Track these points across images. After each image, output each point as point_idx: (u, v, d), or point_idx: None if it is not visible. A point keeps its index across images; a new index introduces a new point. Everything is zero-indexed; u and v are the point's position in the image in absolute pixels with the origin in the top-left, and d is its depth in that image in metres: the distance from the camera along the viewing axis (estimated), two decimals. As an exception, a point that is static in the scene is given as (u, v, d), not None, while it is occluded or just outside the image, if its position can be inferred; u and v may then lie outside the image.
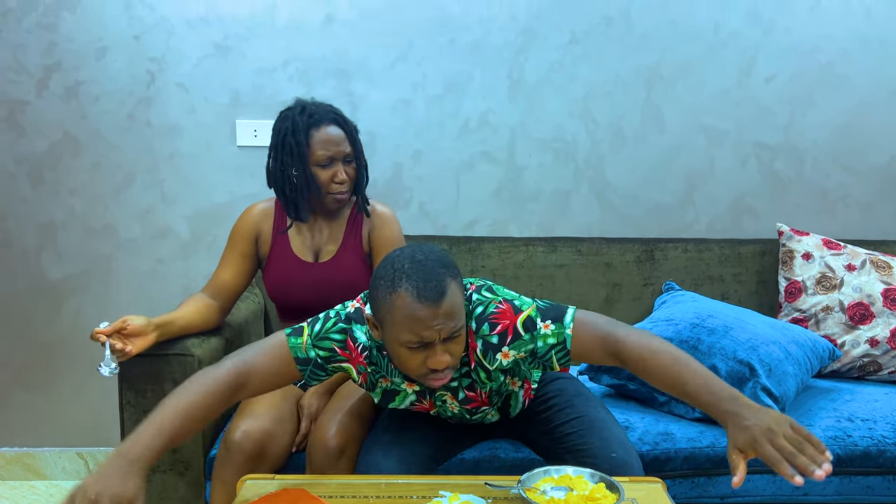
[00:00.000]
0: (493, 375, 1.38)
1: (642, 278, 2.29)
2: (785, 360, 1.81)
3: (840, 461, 1.70)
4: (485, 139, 2.36)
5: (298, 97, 1.77)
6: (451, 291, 1.21)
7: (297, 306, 1.76)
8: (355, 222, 1.81)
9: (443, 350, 1.22)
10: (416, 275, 1.20)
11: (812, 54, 2.38)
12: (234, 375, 1.26)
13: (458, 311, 1.22)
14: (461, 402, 1.43)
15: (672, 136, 2.40)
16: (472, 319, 1.32)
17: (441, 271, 1.21)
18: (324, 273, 1.76)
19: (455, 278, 1.23)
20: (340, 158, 1.71)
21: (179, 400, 1.22)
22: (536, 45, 2.33)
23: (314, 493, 1.29)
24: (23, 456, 2.40)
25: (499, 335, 1.31)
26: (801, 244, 2.24)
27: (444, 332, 1.21)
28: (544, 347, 1.32)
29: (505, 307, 1.32)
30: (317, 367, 1.34)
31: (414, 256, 1.23)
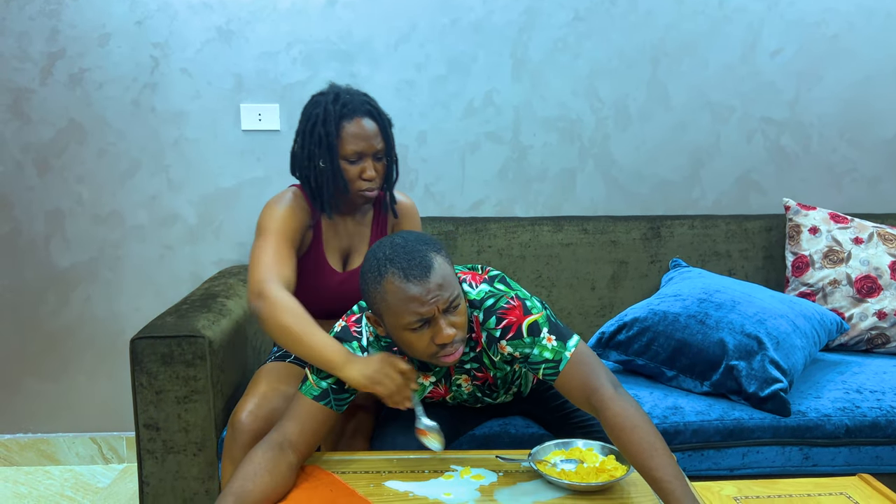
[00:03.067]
0: (498, 365, 1.39)
1: (649, 256, 2.29)
2: (793, 333, 1.81)
3: (849, 431, 1.71)
4: (489, 119, 2.36)
5: (333, 82, 1.65)
6: (438, 264, 1.22)
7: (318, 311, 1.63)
8: (379, 221, 1.74)
9: (446, 323, 1.23)
10: (399, 257, 1.22)
11: (817, 27, 2.36)
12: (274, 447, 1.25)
13: (450, 282, 1.23)
14: (476, 379, 1.43)
15: (677, 112, 2.39)
16: (480, 310, 1.32)
17: (422, 248, 1.23)
18: (352, 283, 1.68)
19: (439, 252, 1.25)
20: (371, 154, 1.59)
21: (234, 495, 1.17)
22: (540, 24, 2.31)
23: (327, 469, 1.31)
24: (37, 442, 2.42)
25: (502, 329, 1.31)
26: (807, 218, 2.23)
27: (441, 303, 1.21)
28: (538, 357, 1.30)
29: (516, 304, 1.31)
30: (337, 393, 1.33)
31: (393, 241, 1.25)
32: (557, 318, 1.37)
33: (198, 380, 1.62)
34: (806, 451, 1.71)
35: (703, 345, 1.80)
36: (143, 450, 1.65)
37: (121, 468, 2.43)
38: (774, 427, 1.70)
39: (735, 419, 1.70)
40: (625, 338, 1.91)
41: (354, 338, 1.36)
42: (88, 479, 2.36)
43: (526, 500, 1.22)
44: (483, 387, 1.46)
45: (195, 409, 1.63)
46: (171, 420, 1.63)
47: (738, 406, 1.75)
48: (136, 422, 1.65)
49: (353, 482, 1.27)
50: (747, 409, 1.73)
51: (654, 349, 1.87)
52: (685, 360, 1.83)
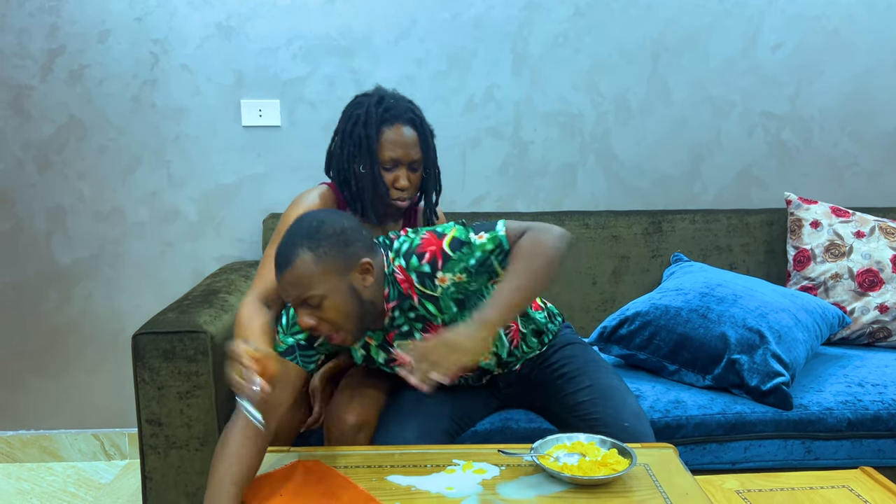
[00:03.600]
0: (442, 305, 1.39)
1: (650, 250, 2.29)
2: (794, 326, 1.81)
3: (851, 425, 1.71)
4: (490, 115, 2.36)
5: (379, 84, 1.65)
6: (298, 262, 1.25)
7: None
8: (411, 224, 1.72)
9: (304, 313, 1.28)
10: (278, 248, 1.28)
11: (818, 21, 2.36)
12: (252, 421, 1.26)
13: (304, 281, 1.25)
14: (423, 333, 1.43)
15: (678, 107, 2.39)
16: (399, 257, 1.36)
17: (296, 242, 1.26)
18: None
19: (313, 250, 1.25)
20: (406, 163, 1.56)
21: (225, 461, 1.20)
22: (540, 19, 2.31)
23: (330, 465, 1.31)
24: (39, 438, 2.43)
25: (429, 263, 1.35)
26: (809, 212, 2.23)
27: (292, 297, 1.27)
28: (483, 255, 1.34)
29: (428, 236, 1.37)
30: (303, 349, 1.36)
31: (299, 220, 1.29)
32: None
33: (200, 375, 1.62)
34: (808, 444, 1.72)
35: (704, 339, 1.80)
36: (146, 445, 1.65)
37: (123, 464, 2.43)
38: (776, 421, 1.70)
39: (737, 413, 1.71)
40: (626, 332, 1.91)
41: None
42: (91, 475, 2.36)
43: (528, 494, 1.22)
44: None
45: (197, 405, 1.63)
46: (174, 415, 1.63)
47: (741, 400, 1.75)
48: (138, 417, 1.65)
49: (356, 476, 1.27)
50: (749, 403, 1.73)
51: (656, 343, 1.87)
52: (687, 354, 1.83)
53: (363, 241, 1.32)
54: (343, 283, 1.28)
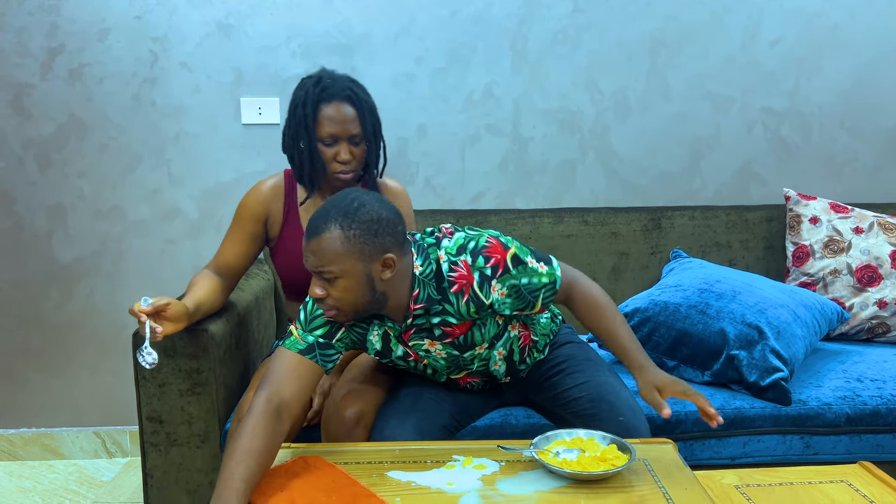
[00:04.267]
0: (462, 312, 1.40)
1: (649, 247, 2.30)
2: (793, 322, 1.82)
3: (850, 420, 1.72)
4: (489, 112, 2.36)
5: (324, 67, 1.73)
6: (327, 235, 1.27)
7: (305, 286, 1.72)
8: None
9: (315, 284, 1.31)
10: (313, 215, 1.31)
11: (817, 16, 2.36)
12: (267, 405, 1.26)
13: (326, 257, 1.27)
14: (439, 338, 1.44)
15: (677, 103, 2.39)
16: (466, 253, 1.38)
17: (332, 216, 1.28)
18: None
19: (344, 230, 1.27)
20: (346, 138, 1.64)
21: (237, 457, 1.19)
22: (539, 16, 2.31)
23: (330, 461, 1.32)
24: (41, 436, 2.43)
25: (492, 268, 1.38)
26: (808, 208, 2.24)
27: (310, 265, 1.30)
28: (536, 284, 1.41)
29: (494, 242, 1.40)
30: (323, 349, 1.36)
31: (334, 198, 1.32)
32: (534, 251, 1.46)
33: (201, 372, 1.63)
34: (807, 439, 1.72)
35: (703, 335, 1.81)
36: (147, 443, 1.65)
37: (125, 462, 2.44)
38: (775, 416, 1.71)
39: (736, 408, 1.71)
40: (626, 328, 1.91)
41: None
42: (92, 472, 2.37)
43: (528, 490, 1.23)
44: (455, 343, 1.45)
45: (198, 402, 1.64)
46: (175, 413, 1.64)
47: (739, 395, 1.75)
48: (139, 415, 1.65)
49: (356, 473, 1.27)
50: (748, 399, 1.74)
51: (655, 339, 1.87)
52: (686, 350, 1.83)
53: (395, 236, 1.32)
54: (361, 270, 1.29)
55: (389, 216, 1.31)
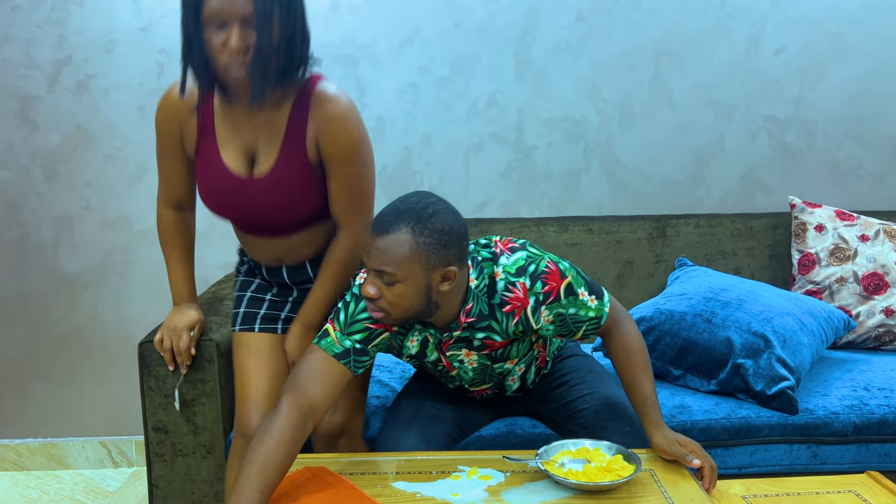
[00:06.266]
0: (509, 332, 1.40)
1: (654, 255, 2.29)
2: (799, 330, 1.81)
3: (857, 429, 1.71)
4: (493, 120, 2.37)
5: None
6: (397, 237, 1.24)
7: (234, 220, 1.59)
8: (299, 119, 1.43)
9: (369, 281, 1.28)
10: (390, 206, 1.29)
11: (821, 24, 2.36)
12: (296, 411, 1.26)
13: (391, 259, 1.24)
14: (477, 349, 1.43)
15: (681, 112, 2.39)
16: (525, 276, 1.36)
17: (405, 217, 1.25)
18: (262, 191, 1.46)
19: (416, 235, 1.24)
20: (237, 19, 1.29)
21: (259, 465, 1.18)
22: (543, 25, 2.32)
23: (335, 471, 1.31)
24: (47, 446, 2.44)
25: (545, 294, 1.37)
26: (813, 216, 2.23)
27: (372, 263, 1.27)
28: (582, 317, 1.41)
29: (553, 269, 1.38)
30: (358, 354, 1.35)
31: (406, 198, 1.30)
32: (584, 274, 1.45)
33: (206, 382, 1.63)
34: (814, 449, 1.71)
35: (709, 343, 1.80)
36: (152, 453, 1.66)
37: (130, 472, 2.44)
38: (782, 425, 1.70)
39: (742, 417, 1.70)
40: (631, 337, 1.91)
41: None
42: (98, 482, 2.37)
43: (534, 500, 1.23)
44: (491, 355, 1.45)
45: (203, 412, 1.64)
46: (180, 423, 1.64)
47: (746, 404, 1.75)
48: (144, 425, 1.66)
49: (361, 483, 1.27)
50: (754, 408, 1.73)
51: (661, 348, 1.87)
52: (692, 358, 1.83)
53: (461, 249, 1.30)
54: (423, 278, 1.27)
55: (460, 229, 1.29)
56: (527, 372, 1.56)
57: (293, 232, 1.54)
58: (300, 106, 1.43)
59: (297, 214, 1.51)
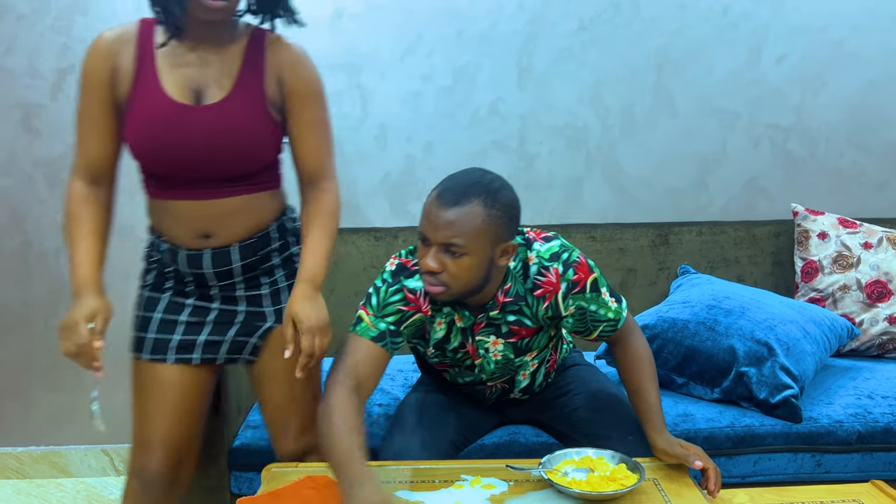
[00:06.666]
0: (539, 316, 1.42)
1: (657, 262, 2.29)
2: (803, 338, 1.81)
3: (861, 437, 1.70)
4: (495, 128, 2.37)
5: None
6: (470, 208, 1.25)
7: (167, 165, 1.36)
8: (256, 58, 1.36)
9: (432, 255, 1.27)
10: (454, 179, 1.29)
11: (822, 32, 2.36)
12: (354, 391, 1.29)
13: (463, 230, 1.25)
14: (505, 335, 1.44)
15: (684, 119, 2.39)
16: (559, 262, 1.39)
17: (474, 190, 1.26)
18: (208, 121, 1.32)
19: (487, 208, 1.26)
20: None
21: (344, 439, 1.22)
22: (545, 33, 2.32)
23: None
24: (49, 454, 2.43)
25: (573, 283, 1.39)
26: (816, 224, 2.23)
27: (438, 236, 1.25)
28: (602, 316, 1.42)
29: (583, 262, 1.41)
30: (392, 336, 1.37)
31: (467, 172, 1.31)
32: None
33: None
34: (818, 457, 1.71)
35: (712, 351, 1.80)
36: (155, 462, 1.65)
37: (132, 480, 2.43)
38: (786, 434, 1.69)
39: (746, 426, 1.70)
40: (634, 345, 1.90)
41: (415, 272, 1.39)
42: (100, 491, 2.37)
43: (537, 510, 1.22)
44: (517, 345, 1.46)
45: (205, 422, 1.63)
46: (183, 432, 1.63)
47: (749, 413, 1.74)
48: (147, 434, 1.65)
49: (364, 492, 1.27)
50: (758, 416, 1.73)
51: (664, 356, 1.87)
52: (695, 366, 1.83)
53: (518, 225, 1.34)
54: (487, 251, 1.28)
55: (519, 205, 1.33)
56: (538, 370, 1.56)
57: (232, 190, 1.38)
58: (254, 47, 1.36)
59: (245, 157, 1.35)
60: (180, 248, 1.43)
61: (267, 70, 1.36)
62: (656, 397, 1.42)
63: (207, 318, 1.46)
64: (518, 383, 1.57)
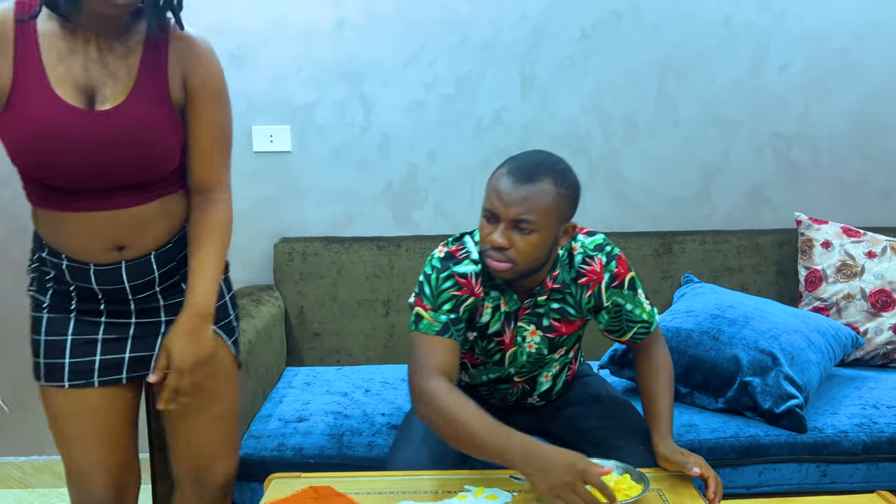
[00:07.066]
0: (584, 309, 1.46)
1: (660, 271, 2.29)
2: (807, 348, 1.80)
3: (866, 448, 1.69)
4: (498, 137, 2.37)
5: None
6: (541, 186, 1.28)
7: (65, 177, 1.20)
8: (158, 54, 1.22)
9: (501, 232, 1.29)
10: (521, 158, 1.34)
11: (825, 41, 2.36)
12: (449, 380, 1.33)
13: (535, 207, 1.28)
14: (546, 329, 1.46)
15: (686, 128, 2.39)
16: (602, 253, 1.44)
17: (547, 170, 1.30)
18: (106, 128, 1.18)
19: (557, 186, 1.30)
20: None
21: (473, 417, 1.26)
22: (547, 42, 2.33)
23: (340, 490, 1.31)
24: (52, 464, 2.43)
25: (615, 275, 1.44)
26: (820, 233, 2.22)
27: (511, 212, 1.28)
28: (637, 316, 1.47)
29: (623, 258, 1.46)
30: (455, 324, 1.38)
31: (533, 153, 1.36)
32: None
33: (211, 401, 1.62)
34: (823, 468, 1.70)
35: (716, 361, 1.80)
36: (158, 472, 1.65)
37: (134, 490, 2.43)
38: (791, 444, 1.69)
39: (750, 436, 1.69)
40: (637, 355, 1.90)
41: (463, 258, 1.41)
42: (102, 500, 2.36)
43: (541, 521, 1.22)
44: (553, 341, 1.48)
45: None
46: (185, 442, 1.63)
47: (754, 423, 1.74)
48: (150, 444, 1.65)
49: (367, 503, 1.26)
50: (763, 426, 1.72)
51: (668, 366, 1.86)
52: (699, 376, 1.82)
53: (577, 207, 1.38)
54: (553, 230, 1.32)
55: (580, 187, 1.38)
56: (559, 374, 1.58)
57: (146, 196, 1.25)
58: (155, 41, 1.22)
59: (152, 164, 1.23)
60: (88, 263, 1.29)
61: (171, 65, 1.23)
62: (668, 406, 1.43)
63: (128, 333, 1.35)
64: (539, 385, 1.58)
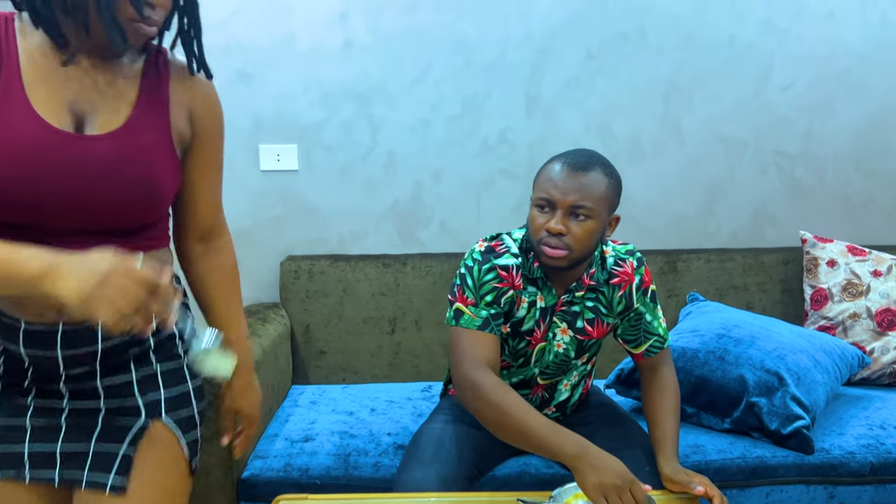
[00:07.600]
0: (614, 305, 1.50)
1: (665, 290, 2.29)
2: (813, 368, 1.80)
3: (874, 469, 1.69)
4: (503, 156, 2.38)
5: None
6: (595, 175, 1.34)
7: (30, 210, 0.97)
8: (158, 83, 1.09)
9: (559, 219, 1.34)
10: (576, 152, 1.38)
11: (828, 61, 2.38)
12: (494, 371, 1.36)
13: (591, 196, 1.33)
14: (579, 331, 1.49)
15: (691, 147, 2.41)
16: (634, 257, 1.52)
17: (595, 162, 1.36)
18: (97, 154, 1.00)
19: (609, 177, 1.36)
20: None
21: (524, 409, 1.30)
22: (552, 63, 2.35)
23: (348, 513, 1.31)
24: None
25: (643, 280, 1.52)
26: (825, 251, 2.23)
27: (568, 199, 1.33)
28: (654, 328, 1.53)
29: (648, 268, 1.54)
30: (495, 319, 1.41)
31: (578, 149, 1.41)
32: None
33: (215, 421, 1.63)
34: (831, 489, 1.69)
35: (722, 381, 1.79)
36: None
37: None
38: (798, 465, 1.68)
39: (757, 457, 1.69)
40: (644, 374, 1.90)
41: (503, 252, 1.44)
42: None
43: (548, 544, 1.21)
44: (582, 344, 1.52)
45: (212, 451, 1.63)
46: (192, 462, 1.63)
47: (761, 444, 1.73)
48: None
49: (375, 526, 1.26)
50: (770, 447, 1.72)
51: (674, 386, 1.86)
52: (705, 396, 1.82)
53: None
54: (605, 218, 1.38)
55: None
56: (577, 385, 1.61)
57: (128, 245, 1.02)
58: (155, 70, 1.10)
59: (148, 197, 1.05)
60: (19, 321, 1.03)
61: (173, 98, 1.11)
62: (674, 428, 1.45)
63: (60, 418, 1.08)
64: (558, 394, 1.59)
